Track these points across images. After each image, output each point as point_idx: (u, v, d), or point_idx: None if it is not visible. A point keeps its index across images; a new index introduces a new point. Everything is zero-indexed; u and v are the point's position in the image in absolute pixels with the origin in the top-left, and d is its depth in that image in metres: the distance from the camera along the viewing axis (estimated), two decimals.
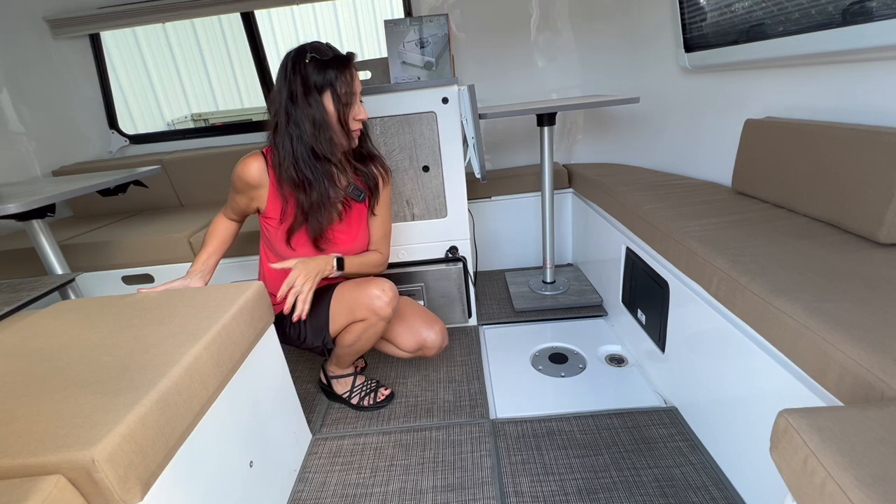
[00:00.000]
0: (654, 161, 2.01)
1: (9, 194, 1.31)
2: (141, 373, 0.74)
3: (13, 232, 2.16)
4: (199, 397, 0.79)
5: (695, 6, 1.63)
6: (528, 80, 2.29)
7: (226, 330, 0.89)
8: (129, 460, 0.62)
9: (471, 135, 1.57)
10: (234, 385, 0.92)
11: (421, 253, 1.72)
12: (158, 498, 0.68)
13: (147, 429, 0.66)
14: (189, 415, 0.76)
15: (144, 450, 0.65)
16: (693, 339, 1.15)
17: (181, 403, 0.74)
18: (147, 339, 0.84)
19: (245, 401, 0.97)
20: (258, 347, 1.03)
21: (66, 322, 0.96)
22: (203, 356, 0.81)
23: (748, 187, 1.38)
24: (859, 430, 0.52)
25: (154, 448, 0.67)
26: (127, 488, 0.62)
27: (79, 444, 0.59)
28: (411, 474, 1.14)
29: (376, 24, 4.36)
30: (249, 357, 0.99)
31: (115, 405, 0.66)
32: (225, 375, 0.88)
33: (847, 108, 1.15)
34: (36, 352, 0.85)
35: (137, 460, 0.64)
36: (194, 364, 0.78)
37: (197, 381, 0.79)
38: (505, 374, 1.50)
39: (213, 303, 0.97)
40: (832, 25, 1.12)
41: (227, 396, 0.89)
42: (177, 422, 0.73)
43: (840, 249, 0.97)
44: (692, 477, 1.05)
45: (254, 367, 1.01)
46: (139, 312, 0.97)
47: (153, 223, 2.01)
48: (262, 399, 1.04)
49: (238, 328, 0.94)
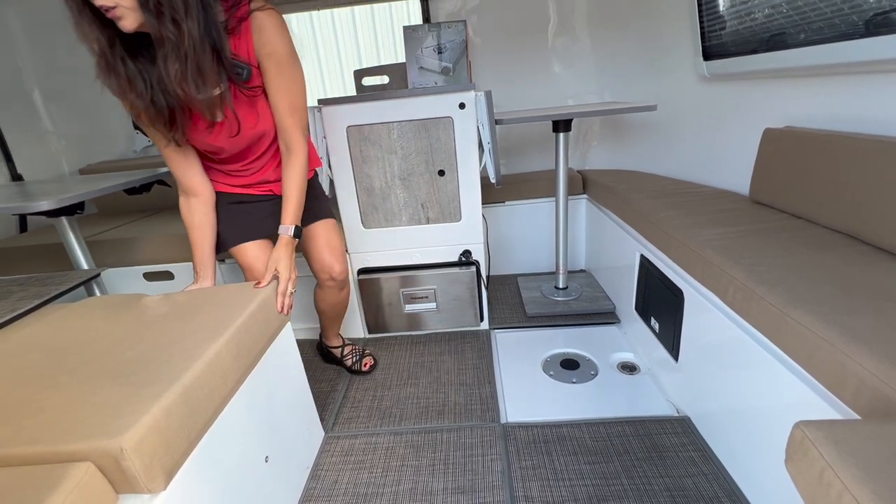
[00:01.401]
0: (670, 169, 2.00)
1: (41, 192, 1.37)
2: (165, 367, 0.76)
3: (41, 227, 2.23)
4: (219, 391, 0.82)
5: (714, 14, 1.62)
6: (545, 85, 2.30)
7: (244, 326, 0.92)
8: (154, 450, 0.65)
9: (486, 140, 1.58)
10: (252, 381, 0.95)
11: (434, 256, 1.73)
12: (180, 488, 0.71)
13: (171, 420, 0.69)
14: (210, 408, 0.79)
15: (168, 441, 0.68)
16: (707, 348, 1.14)
17: (202, 397, 0.77)
18: (170, 335, 0.87)
19: (262, 396, 0.99)
20: (275, 345, 1.06)
21: (93, 317, 1.00)
22: (223, 352, 0.84)
23: (766, 197, 1.37)
24: (877, 443, 0.52)
25: (177, 439, 0.70)
26: (152, 477, 0.64)
27: (108, 434, 0.62)
28: (422, 475, 1.15)
29: (394, 30, 4.42)
30: (266, 354, 1.01)
31: (141, 397, 0.69)
32: (243, 371, 0.91)
33: (868, 118, 1.13)
34: (65, 345, 0.89)
35: (162, 450, 0.66)
36: (215, 359, 0.81)
37: (217, 375, 0.81)
38: (516, 379, 1.50)
39: (231, 301, 1.00)
40: (855, 36, 1.11)
41: (244, 392, 0.91)
42: (198, 414, 0.75)
43: (859, 261, 0.96)
44: (704, 487, 1.05)
45: (270, 364, 1.03)
46: (161, 310, 1.00)
47: (174, 222, 2.06)
48: (277, 395, 1.06)
49: (256, 325, 0.96)
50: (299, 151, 1.10)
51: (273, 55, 1.01)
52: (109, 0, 0.80)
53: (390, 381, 1.55)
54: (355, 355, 1.63)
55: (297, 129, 1.09)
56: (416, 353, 1.69)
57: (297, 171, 1.11)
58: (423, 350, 1.71)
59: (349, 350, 1.63)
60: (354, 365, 1.61)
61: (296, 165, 1.11)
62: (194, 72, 0.90)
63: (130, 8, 0.82)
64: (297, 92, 1.07)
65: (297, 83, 1.05)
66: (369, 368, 1.61)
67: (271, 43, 1.00)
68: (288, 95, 1.05)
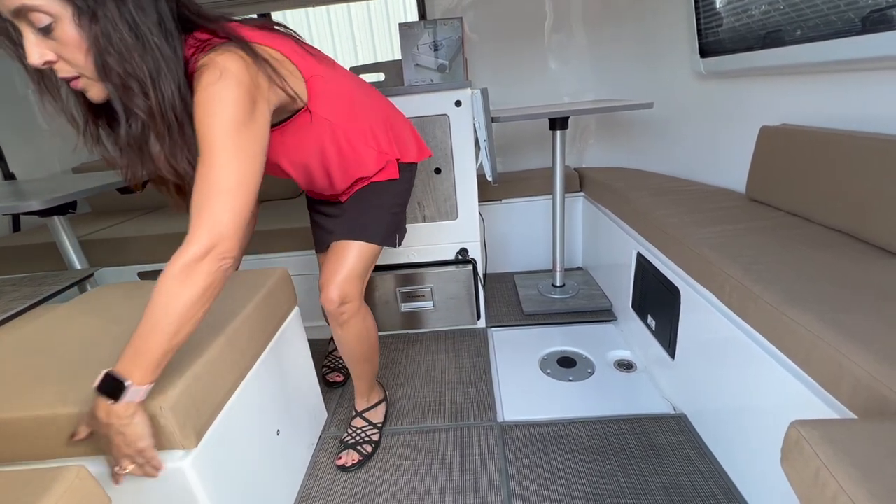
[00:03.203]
0: (667, 166, 2.00)
1: (32, 191, 1.35)
2: (190, 341, 0.78)
3: (35, 226, 2.21)
4: (238, 365, 0.90)
5: (711, 11, 1.62)
6: (541, 83, 2.29)
7: (258, 308, 0.98)
8: (186, 411, 0.73)
9: (483, 138, 1.57)
10: (265, 359, 1.01)
11: (431, 254, 1.73)
12: (208, 447, 0.78)
13: (200, 386, 0.76)
14: (231, 379, 0.87)
15: (198, 404, 0.76)
16: (704, 346, 1.14)
17: (224, 369, 0.84)
18: None
19: (275, 373, 1.06)
20: (285, 327, 1.13)
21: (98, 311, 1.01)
22: (241, 329, 0.91)
23: (763, 195, 1.37)
24: (873, 443, 0.52)
25: (205, 404, 0.78)
26: (185, 435, 0.72)
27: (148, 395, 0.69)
28: (419, 475, 1.15)
29: (390, 27, 4.39)
30: (278, 335, 1.09)
31: (171, 366, 0.74)
32: (258, 348, 0.99)
33: (866, 116, 1.13)
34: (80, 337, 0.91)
35: (193, 412, 0.74)
36: (234, 335, 0.88)
37: (237, 350, 0.89)
38: (513, 377, 1.50)
39: (244, 286, 1.05)
40: (851, 33, 1.10)
41: (259, 368, 0.98)
42: (222, 383, 0.84)
43: (856, 260, 0.96)
44: (700, 485, 1.05)
45: (281, 344, 1.10)
46: None
47: (169, 220, 2.05)
48: (288, 373, 1.13)
49: (268, 308, 1.03)
50: (182, 247, 0.67)
51: (196, 123, 0.70)
52: (69, 70, 0.65)
53: (387, 380, 1.54)
54: (357, 435, 1.24)
55: (195, 216, 0.69)
56: (412, 352, 1.69)
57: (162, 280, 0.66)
58: (420, 349, 1.71)
59: (359, 425, 1.27)
60: (347, 438, 1.24)
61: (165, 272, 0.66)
62: (181, 147, 0.72)
63: (94, 79, 0.66)
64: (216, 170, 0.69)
65: (219, 159, 0.69)
66: (346, 464, 1.18)
67: (195, 109, 0.70)
68: (202, 174, 0.70)
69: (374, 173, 1.05)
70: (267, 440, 1.00)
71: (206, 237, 0.67)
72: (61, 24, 0.60)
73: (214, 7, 2.21)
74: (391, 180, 1.07)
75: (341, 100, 0.94)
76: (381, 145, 1.03)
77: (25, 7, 0.58)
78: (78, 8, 0.60)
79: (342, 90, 0.95)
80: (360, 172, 1.04)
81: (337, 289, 1.03)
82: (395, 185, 1.09)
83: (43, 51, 0.62)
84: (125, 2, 0.63)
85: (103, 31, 0.62)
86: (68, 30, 0.61)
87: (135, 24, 0.64)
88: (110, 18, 0.61)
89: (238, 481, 0.87)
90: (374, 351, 1.20)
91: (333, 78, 0.93)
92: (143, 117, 0.68)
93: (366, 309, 1.15)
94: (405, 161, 1.10)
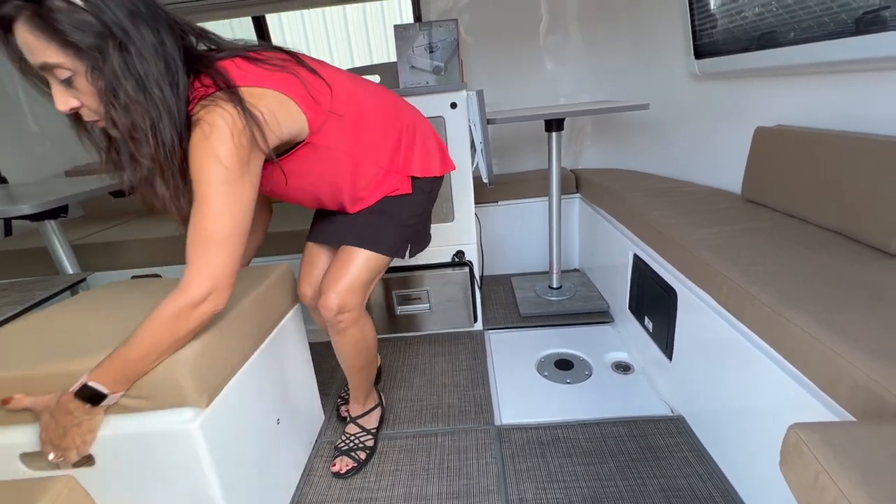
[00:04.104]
0: (663, 167, 2.00)
1: (23, 195, 1.34)
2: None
3: (26, 230, 2.19)
4: (244, 342, 0.93)
5: (706, 13, 1.62)
6: (537, 84, 2.29)
7: (260, 297, 1.01)
8: (202, 372, 0.77)
9: (479, 140, 1.57)
10: (268, 346, 1.04)
11: (427, 257, 1.72)
12: (217, 411, 0.82)
13: (212, 352, 0.81)
14: (238, 354, 0.91)
15: (210, 368, 0.80)
16: (701, 347, 1.14)
17: (234, 343, 0.89)
18: None
19: (275, 364, 1.08)
20: (286, 320, 1.15)
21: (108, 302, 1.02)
22: (246, 310, 0.94)
23: (758, 196, 1.37)
24: (872, 445, 0.51)
25: (216, 370, 0.82)
26: (199, 393, 0.77)
27: None
28: (416, 480, 1.14)
29: (385, 29, 4.39)
30: (279, 326, 1.11)
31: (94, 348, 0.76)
32: (262, 333, 1.02)
33: (860, 117, 1.14)
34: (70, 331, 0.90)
35: (206, 374, 0.79)
36: (238, 315, 0.91)
37: (242, 330, 0.92)
38: (510, 380, 1.50)
39: (247, 279, 1.07)
40: (845, 34, 1.11)
41: (263, 353, 1.01)
42: (230, 356, 0.88)
43: (852, 260, 0.96)
44: (699, 487, 1.04)
45: (283, 335, 1.13)
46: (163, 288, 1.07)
47: (162, 224, 2.03)
48: (287, 365, 1.15)
49: (271, 298, 1.07)
50: (179, 290, 0.73)
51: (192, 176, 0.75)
52: (91, 115, 0.73)
53: (383, 384, 1.53)
54: (350, 441, 1.23)
55: (191, 263, 0.75)
56: (409, 356, 1.68)
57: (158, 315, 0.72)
58: (417, 352, 1.70)
59: (353, 431, 1.25)
60: (341, 444, 1.22)
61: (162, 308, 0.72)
62: (184, 191, 0.77)
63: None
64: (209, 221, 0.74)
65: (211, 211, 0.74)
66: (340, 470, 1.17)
67: (191, 162, 0.74)
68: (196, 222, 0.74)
69: (382, 194, 1.04)
70: (268, 426, 1.03)
71: (204, 286, 0.73)
72: (79, 77, 0.67)
73: (212, 10, 2.21)
74: (405, 195, 1.06)
75: (347, 125, 0.93)
76: (390, 164, 1.02)
77: (48, 64, 0.66)
78: (90, 65, 0.66)
79: (348, 112, 0.93)
80: (370, 193, 1.03)
81: (337, 297, 1.01)
82: (409, 199, 1.06)
83: (67, 99, 0.70)
84: (129, 53, 0.67)
85: (108, 86, 0.67)
86: (84, 82, 0.68)
87: (139, 77, 0.68)
88: (115, 74, 0.67)
89: (240, 458, 0.89)
90: (370, 360, 1.18)
91: (343, 106, 0.91)
92: (147, 163, 0.74)
93: (366, 318, 1.12)
94: (423, 175, 1.07)
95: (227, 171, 0.73)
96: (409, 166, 1.04)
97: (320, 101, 0.86)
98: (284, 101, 0.81)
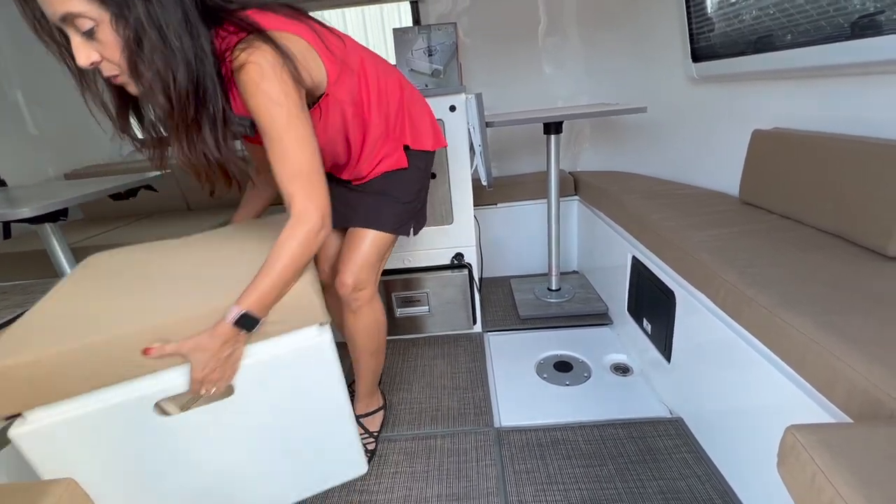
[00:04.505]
0: (661, 170, 2.01)
1: (23, 198, 1.34)
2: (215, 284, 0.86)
3: (26, 233, 2.19)
4: None
5: (703, 16, 1.63)
6: (536, 87, 2.30)
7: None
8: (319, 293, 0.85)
9: (477, 142, 1.58)
10: None
11: (426, 259, 1.72)
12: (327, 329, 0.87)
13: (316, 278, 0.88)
14: None
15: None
16: (699, 349, 1.14)
17: None
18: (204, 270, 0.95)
19: None
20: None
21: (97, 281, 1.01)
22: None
23: (756, 198, 1.38)
24: (869, 447, 0.52)
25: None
26: (323, 311, 0.85)
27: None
28: (416, 482, 1.14)
29: (385, 32, 4.40)
30: None
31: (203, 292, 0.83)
32: None
33: (856, 120, 1.14)
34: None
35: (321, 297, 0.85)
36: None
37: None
38: (510, 382, 1.50)
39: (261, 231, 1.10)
40: (841, 38, 1.12)
41: None
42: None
43: (849, 262, 0.97)
44: (697, 489, 1.05)
45: None
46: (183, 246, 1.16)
47: (161, 226, 2.03)
48: None
49: None
50: (300, 222, 0.80)
51: (258, 122, 0.79)
52: (111, 69, 0.71)
53: (384, 385, 1.53)
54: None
55: (298, 196, 0.81)
56: (408, 358, 1.68)
57: (290, 244, 0.80)
58: (416, 354, 1.70)
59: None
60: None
61: (290, 238, 0.80)
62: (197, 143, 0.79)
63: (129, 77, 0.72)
64: (293, 158, 0.80)
65: (291, 149, 0.80)
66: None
67: (251, 109, 0.78)
68: (282, 163, 0.80)
69: (383, 162, 1.08)
70: None
71: (318, 213, 0.81)
72: (102, 27, 0.65)
73: None
74: (401, 170, 1.09)
75: (358, 79, 0.96)
76: (391, 127, 1.05)
77: (70, 14, 0.63)
78: (114, 13, 0.65)
79: (357, 68, 0.95)
80: (374, 154, 1.07)
81: (352, 275, 1.08)
82: (406, 174, 1.11)
83: (89, 52, 0.67)
84: (151, 2, 0.66)
85: (134, 35, 0.66)
86: (108, 33, 0.66)
87: (160, 27, 0.67)
88: (140, 22, 0.66)
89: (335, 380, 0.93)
90: (381, 345, 1.22)
91: (352, 60, 0.94)
92: (162, 114, 0.75)
93: (378, 301, 1.18)
94: (417, 148, 1.10)
95: (287, 109, 0.77)
96: (404, 134, 1.08)
97: (335, 52, 0.88)
98: (307, 47, 0.82)
